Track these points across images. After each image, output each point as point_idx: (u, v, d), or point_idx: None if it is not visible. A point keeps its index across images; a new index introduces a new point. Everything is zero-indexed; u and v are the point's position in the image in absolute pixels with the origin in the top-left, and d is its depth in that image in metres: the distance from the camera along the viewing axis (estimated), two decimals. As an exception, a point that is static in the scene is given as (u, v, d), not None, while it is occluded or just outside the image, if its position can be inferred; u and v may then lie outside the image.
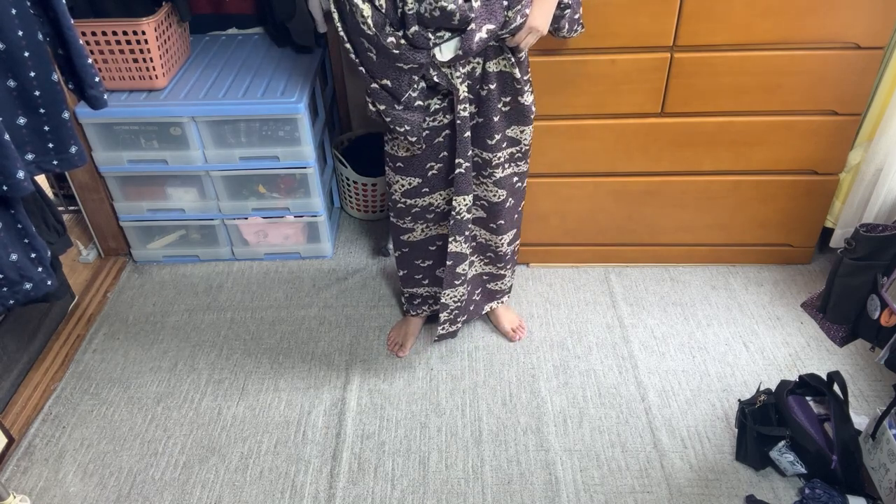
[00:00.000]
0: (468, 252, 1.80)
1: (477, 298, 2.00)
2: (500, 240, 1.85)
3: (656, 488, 1.68)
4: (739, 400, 1.77)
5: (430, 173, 1.69)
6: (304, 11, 2.24)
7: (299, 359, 2.06)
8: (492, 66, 1.53)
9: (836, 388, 1.66)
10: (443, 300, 1.88)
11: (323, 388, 1.96)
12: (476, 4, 1.38)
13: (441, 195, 1.74)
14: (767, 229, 2.23)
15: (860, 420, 1.73)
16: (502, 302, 2.07)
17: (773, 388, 1.75)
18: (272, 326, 2.17)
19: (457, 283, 1.85)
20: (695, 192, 2.14)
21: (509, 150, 1.71)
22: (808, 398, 1.70)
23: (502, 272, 1.96)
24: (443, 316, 1.92)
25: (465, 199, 1.69)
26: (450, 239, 1.75)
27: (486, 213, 1.79)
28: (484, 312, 2.08)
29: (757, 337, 2.07)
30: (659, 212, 2.19)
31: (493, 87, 1.56)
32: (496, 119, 1.61)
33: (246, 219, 2.35)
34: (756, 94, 1.94)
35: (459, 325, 1.99)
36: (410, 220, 1.80)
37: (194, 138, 2.15)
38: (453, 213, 1.70)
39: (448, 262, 1.79)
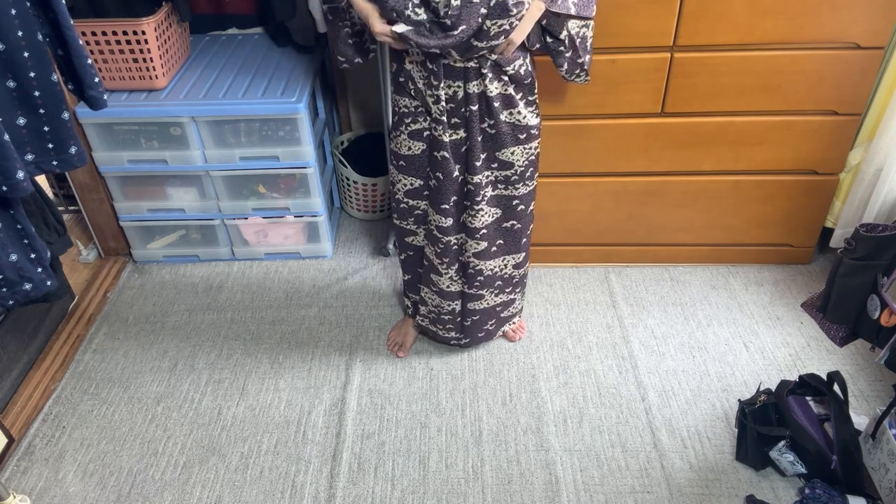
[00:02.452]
0: (441, 268, 1.79)
1: (490, 328, 1.98)
2: (504, 262, 1.81)
3: (656, 488, 1.68)
4: (739, 400, 1.77)
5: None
6: (305, 11, 2.24)
7: (299, 359, 2.06)
8: (473, 88, 1.52)
9: (836, 388, 1.66)
10: (421, 293, 1.90)
11: (323, 388, 1.96)
12: (455, 3, 1.37)
13: None
14: (767, 229, 2.23)
15: (860, 420, 1.73)
16: (513, 322, 2.06)
17: (773, 388, 1.75)
18: (272, 326, 2.17)
19: (433, 288, 1.86)
20: (695, 192, 2.14)
21: (504, 173, 1.66)
22: (808, 398, 1.70)
23: (512, 296, 1.93)
24: (422, 309, 1.94)
25: (435, 215, 1.69)
26: (424, 242, 1.76)
27: (487, 241, 1.75)
28: (496, 337, 2.07)
29: (757, 337, 2.07)
30: (659, 212, 2.19)
31: (474, 108, 1.54)
32: (479, 139, 1.59)
33: (246, 219, 2.35)
34: (756, 94, 1.93)
35: (448, 336, 1.98)
36: (413, 223, 1.79)
37: (194, 138, 2.15)
38: (429, 222, 1.72)
39: (425, 263, 1.81)
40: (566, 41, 1.55)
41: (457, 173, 1.64)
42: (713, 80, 1.91)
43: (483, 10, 1.38)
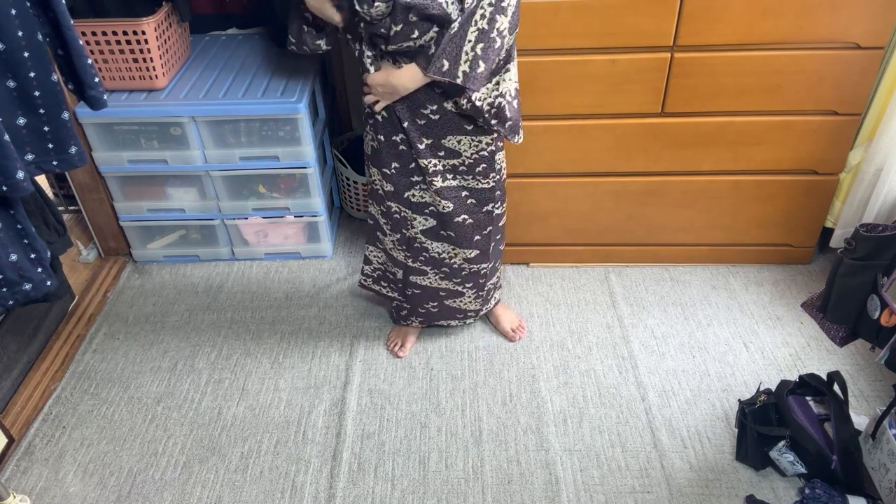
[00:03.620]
0: (386, 227, 1.82)
1: (431, 309, 1.96)
2: (454, 251, 1.79)
3: (656, 488, 1.68)
4: (739, 400, 1.77)
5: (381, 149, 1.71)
6: (304, 11, 2.24)
7: (299, 359, 2.06)
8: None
9: (836, 388, 1.66)
10: (366, 252, 1.96)
11: (323, 388, 1.96)
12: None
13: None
14: (767, 229, 2.23)
15: (860, 420, 1.73)
16: (465, 323, 2.05)
17: (773, 388, 1.75)
18: (272, 326, 2.17)
19: (378, 245, 1.91)
20: (695, 192, 2.14)
21: (450, 162, 1.65)
22: (808, 398, 1.70)
23: (459, 289, 1.89)
24: (366, 268, 1.99)
25: (377, 172, 1.73)
26: (369, 199, 1.83)
27: (436, 221, 1.75)
28: (438, 324, 2.05)
29: (757, 337, 2.07)
30: (659, 212, 2.19)
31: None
32: (421, 123, 1.59)
33: (246, 219, 2.35)
34: (756, 94, 1.93)
35: (392, 296, 1.99)
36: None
37: (194, 138, 2.15)
38: (369, 178, 1.78)
39: (370, 222, 1.88)
40: (467, 108, 1.52)
41: (396, 138, 1.63)
42: (713, 80, 1.91)
43: (384, 31, 1.42)
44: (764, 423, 1.66)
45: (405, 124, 1.59)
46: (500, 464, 1.74)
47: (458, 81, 1.42)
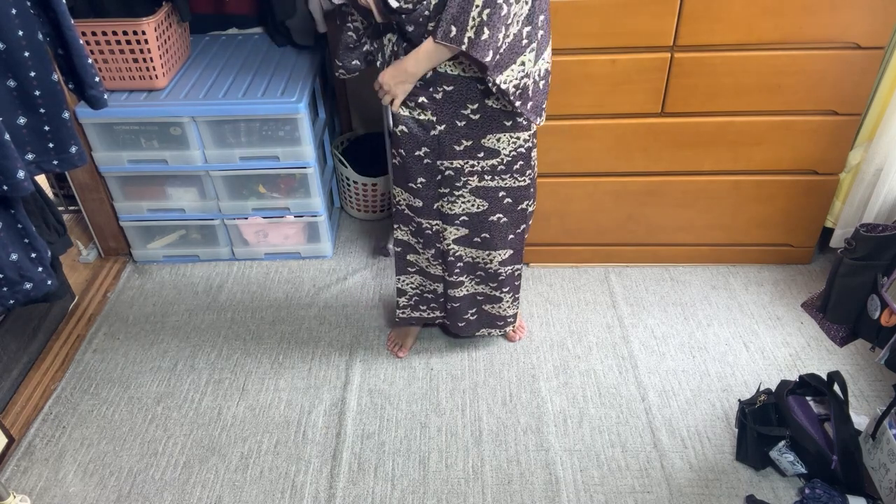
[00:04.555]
0: (418, 247, 1.80)
1: (470, 318, 1.95)
2: (490, 256, 1.78)
3: (656, 488, 1.68)
4: (739, 400, 1.77)
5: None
6: (305, 11, 2.24)
7: (299, 359, 2.06)
8: (446, 69, 1.48)
9: (836, 388, 1.66)
10: (398, 285, 1.91)
11: (323, 388, 1.96)
12: None
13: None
14: (767, 229, 2.23)
15: (860, 420, 1.73)
16: (504, 332, 2.03)
17: (773, 388, 1.75)
18: (272, 326, 2.17)
19: (410, 269, 1.87)
20: (695, 192, 2.15)
21: (489, 162, 1.62)
22: (808, 398, 1.70)
23: (497, 294, 1.89)
24: (401, 301, 1.95)
25: (402, 190, 1.70)
26: (394, 225, 1.79)
27: (468, 229, 1.73)
28: (479, 334, 2.03)
29: (757, 337, 2.07)
30: (659, 212, 2.20)
31: (449, 89, 1.50)
32: (461, 124, 1.55)
33: (246, 219, 2.35)
34: (756, 94, 1.94)
35: (433, 316, 1.97)
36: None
37: (194, 138, 2.15)
38: (393, 199, 1.74)
39: (397, 249, 1.83)
40: (494, 90, 1.47)
41: (420, 153, 1.61)
42: (713, 80, 1.91)
43: (427, 13, 1.39)
44: (764, 423, 1.66)
45: (437, 131, 1.56)
46: (500, 464, 1.74)
47: (464, 48, 1.37)
